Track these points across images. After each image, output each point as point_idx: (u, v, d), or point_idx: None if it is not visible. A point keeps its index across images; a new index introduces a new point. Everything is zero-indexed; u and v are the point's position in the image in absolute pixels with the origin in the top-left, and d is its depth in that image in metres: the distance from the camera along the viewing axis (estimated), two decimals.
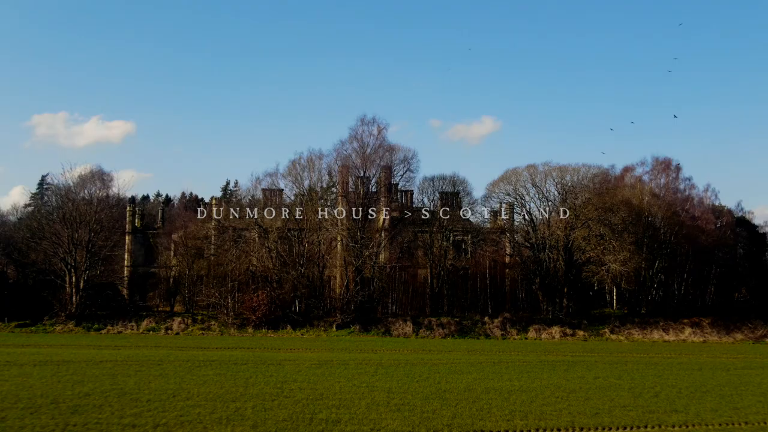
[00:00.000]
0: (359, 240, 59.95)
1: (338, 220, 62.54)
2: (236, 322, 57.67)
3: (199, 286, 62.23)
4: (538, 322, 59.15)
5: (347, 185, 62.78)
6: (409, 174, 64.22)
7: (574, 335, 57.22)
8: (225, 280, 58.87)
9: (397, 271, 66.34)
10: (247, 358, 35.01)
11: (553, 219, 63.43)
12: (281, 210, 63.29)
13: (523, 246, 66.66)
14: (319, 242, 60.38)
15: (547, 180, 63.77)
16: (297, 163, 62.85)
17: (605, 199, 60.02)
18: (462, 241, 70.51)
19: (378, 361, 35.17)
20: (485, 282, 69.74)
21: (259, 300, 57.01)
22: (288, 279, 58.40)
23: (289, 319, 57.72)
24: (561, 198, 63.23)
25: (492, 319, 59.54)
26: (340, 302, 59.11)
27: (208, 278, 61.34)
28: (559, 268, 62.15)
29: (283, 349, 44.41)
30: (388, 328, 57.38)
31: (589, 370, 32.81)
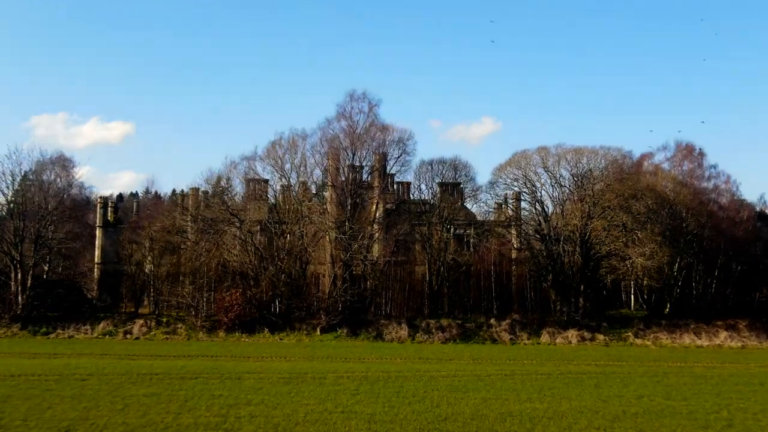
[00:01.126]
0: (348, 231, 54.33)
1: (324, 208, 56.94)
2: (206, 324, 52.10)
3: (168, 284, 56.53)
4: (552, 325, 53.67)
5: (336, 171, 57.13)
6: (405, 157, 58.78)
7: (594, 340, 51.77)
8: (194, 278, 53.21)
9: (392, 267, 60.86)
10: (201, 370, 29.33)
11: (567, 208, 57.83)
12: (266, 201, 57.53)
13: (533, 238, 61.04)
14: (302, 234, 54.69)
15: (560, 163, 58.17)
16: (277, 144, 57.18)
17: (628, 184, 54.42)
18: (464, 235, 64.97)
19: (363, 373, 29.51)
20: (490, 280, 64.23)
21: (233, 300, 51.43)
22: (265, 276, 52.73)
23: (266, 322, 52.13)
24: (576, 183, 57.64)
25: (499, 321, 54.04)
26: (325, 302, 53.49)
27: (176, 276, 55.65)
28: (574, 263, 56.58)
29: (253, 357, 38.84)
30: (380, 331, 51.85)
31: (626, 385, 27.18)
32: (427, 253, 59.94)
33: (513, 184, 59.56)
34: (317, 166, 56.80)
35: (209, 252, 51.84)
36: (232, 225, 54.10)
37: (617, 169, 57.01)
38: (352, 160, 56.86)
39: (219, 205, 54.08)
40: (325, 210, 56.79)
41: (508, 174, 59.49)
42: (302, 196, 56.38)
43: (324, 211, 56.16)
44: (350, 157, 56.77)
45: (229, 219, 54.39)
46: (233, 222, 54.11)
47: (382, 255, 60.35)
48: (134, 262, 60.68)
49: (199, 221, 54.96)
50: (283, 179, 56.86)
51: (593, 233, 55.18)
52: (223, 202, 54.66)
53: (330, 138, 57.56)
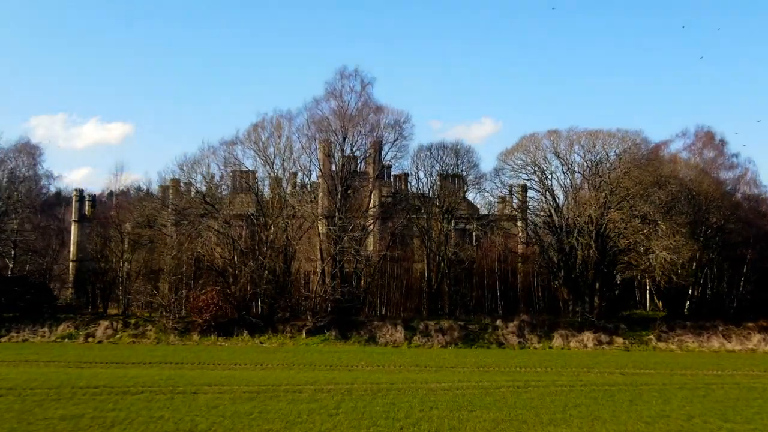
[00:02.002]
0: (338, 223, 49.98)
1: (312, 197, 52.59)
2: (178, 326, 47.77)
3: (138, 282, 52.10)
4: (564, 327, 49.40)
5: (326, 156, 52.75)
6: (402, 142, 54.37)
7: (612, 343, 47.51)
8: (166, 275, 48.83)
9: (388, 263, 56.61)
10: (153, 382, 24.98)
11: (580, 197, 53.51)
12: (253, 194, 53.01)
13: (543, 231, 56.71)
14: (287, 226, 50.30)
15: (573, 148, 53.84)
16: (259, 126, 52.75)
17: (648, 170, 50.09)
18: (466, 229, 60.69)
19: (348, 385, 25.18)
20: (494, 277, 60.01)
21: (208, 299, 47.11)
22: (245, 272, 48.35)
23: (246, 323, 47.80)
24: (591, 170, 53.31)
25: (506, 323, 49.75)
26: (312, 301, 49.12)
27: (147, 273, 51.27)
28: (589, 257, 52.27)
29: (224, 364, 34.49)
30: (373, 334, 47.53)
31: (666, 401, 22.89)
32: (426, 247, 55.67)
33: (521, 171, 55.25)
34: (304, 151, 52.41)
35: (182, 246, 47.37)
36: (209, 216, 49.63)
37: (636, 154, 52.63)
38: (342, 144, 52.50)
39: (193, 194, 49.58)
40: (314, 199, 52.41)
41: (516, 160, 55.21)
42: (287, 184, 51.97)
43: (312, 200, 51.78)
44: (340, 141, 52.40)
45: (205, 210, 49.93)
46: (210, 213, 49.63)
47: (376, 250, 56.15)
48: (101, 258, 56.22)
49: (170, 211, 50.45)
50: (266, 165, 52.45)
51: (610, 225, 50.86)
52: (198, 190, 50.15)
53: (318, 120, 53.24)
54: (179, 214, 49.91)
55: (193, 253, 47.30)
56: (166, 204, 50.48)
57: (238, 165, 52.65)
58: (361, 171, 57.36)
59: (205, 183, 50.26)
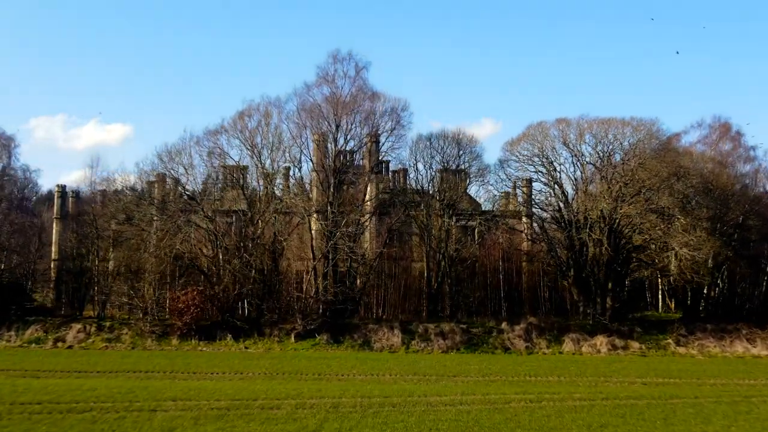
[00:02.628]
0: (330, 217, 46.95)
1: (303, 189, 49.59)
2: (156, 330, 44.71)
3: (115, 282, 49.00)
4: (575, 330, 46.38)
5: (317, 146, 49.73)
6: (399, 131, 51.30)
7: (627, 348, 44.49)
8: (142, 273, 45.79)
9: (385, 262, 53.61)
10: (108, 396, 21.98)
11: (592, 190, 50.46)
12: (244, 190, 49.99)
13: (551, 227, 53.64)
14: (274, 221, 47.25)
15: (583, 138, 50.77)
16: (246, 114, 49.69)
17: (667, 160, 47.06)
18: (467, 227, 57.65)
19: (335, 399, 22.20)
20: (498, 277, 57.03)
21: (188, 299, 44.07)
22: (229, 271, 45.30)
23: (230, 326, 44.76)
24: (603, 160, 50.27)
25: (512, 326, 46.70)
26: (303, 303, 46.03)
27: (124, 272, 48.20)
28: (601, 255, 49.21)
29: (200, 372, 31.47)
30: (368, 338, 44.48)
31: (706, 420, 19.96)
32: (425, 244, 52.63)
33: (527, 162, 52.11)
34: (294, 141, 49.32)
35: (160, 242, 44.22)
36: (191, 211, 46.49)
37: (652, 144, 49.55)
38: (335, 133, 49.44)
39: (169, 185, 46.47)
40: (304, 193, 49.40)
41: (522, 150, 52.11)
42: (276, 175, 48.92)
43: (302, 193, 48.75)
44: (333, 130, 49.33)
45: (186, 203, 46.83)
46: (192, 207, 46.49)
47: (372, 248, 53.16)
48: (77, 257, 53.17)
49: (147, 205, 47.29)
50: (253, 156, 49.33)
51: (623, 220, 47.76)
52: (179, 182, 46.99)
53: (309, 107, 50.16)
54: (158, 209, 46.74)
55: (172, 250, 44.14)
56: (143, 197, 47.20)
57: (223, 156, 49.56)
58: (357, 165, 54.46)
59: (186, 174, 47.13)
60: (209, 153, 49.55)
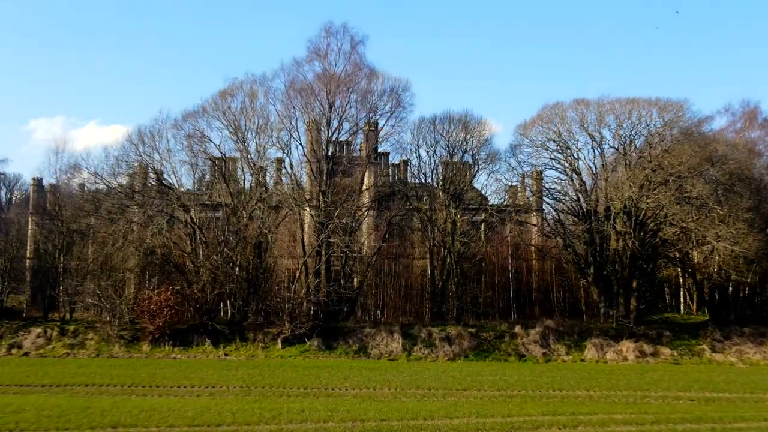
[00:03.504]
0: (322, 207, 42.66)
1: (292, 177, 45.34)
2: (126, 334, 40.41)
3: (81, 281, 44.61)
4: (598, 334, 42.07)
5: (308, 129, 45.46)
6: (400, 113, 46.93)
7: (657, 355, 40.22)
8: (109, 271, 41.45)
9: (384, 260, 49.33)
10: (33, 421, 17.69)
11: (615, 177, 46.12)
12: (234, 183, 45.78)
13: (568, 219, 49.28)
14: (260, 212, 42.90)
15: (605, 120, 46.40)
16: (228, 94, 45.37)
17: (700, 143, 42.74)
18: (474, 222, 53.30)
19: (320, 424, 17.93)
20: (506, 276, 52.80)
21: (162, 300, 39.70)
22: (207, 267, 40.95)
23: (209, 330, 40.43)
24: (626, 144, 45.98)
25: (526, 329, 42.42)
26: (291, 304, 41.66)
27: (92, 269, 43.82)
28: (624, 250, 44.92)
29: (164, 386, 27.14)
30: (365, 344, 40.19)
31: None
32: (429, 239, 48.26)
33: (541, 147, 47.75)
34: (282, 123, 44.97)
35: (128, 235, 39.76)
36: (166, 201, 42.09)
37: (683, 125, 45.17)
38: (329, 115, 45.13)
39: (142, 173, 42.09)
40: (294, 181, 45.11)
41: (536, 134, 47.78)
42: (262, 161, 44.57)
43: (291, 181, 44.45)
44: (326, 111, 45.02)
45: (161, 192, 42.48)
46: (167, 196, 42.11)
47: (369, 242, 48.94)
48: (44, 253, 48.82)
49: (116, 195, 42.87)
50: (237, 141, 44.99)
51: (651, 210, 43.36)
52: (152, 168, 42.50)
53: (299, 86, 45.83)
54: (128, 197, 42.34)
55: (142, 243, 39.79)
56: (111, 185, 42.73)
57: (203, 141, 45.12)
58: (353, 151, 50.23)
59: (161, 160, 42.71)
60: (188, 137, 45.21)
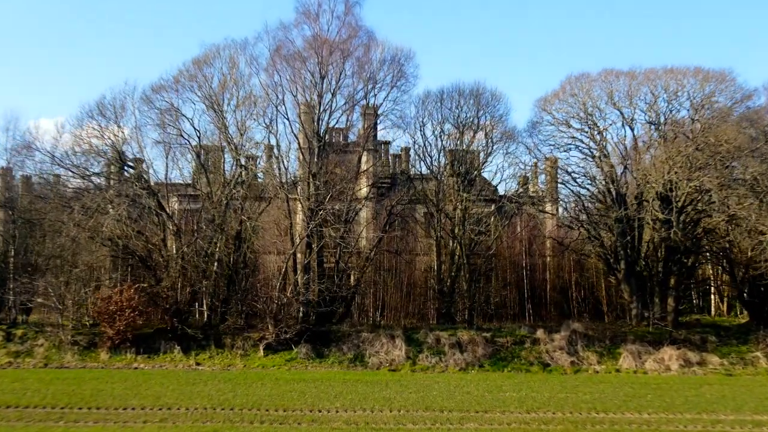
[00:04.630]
0: (312, 191, 37.41)
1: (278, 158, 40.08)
2: (81, 340, 35.22)
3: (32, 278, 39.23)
4: (632, 340, 36.75)
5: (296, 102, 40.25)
6: (404, 84, 41.68)
7: (703, 364, 34.93)
8: (60, 266, 36.17)
9: (385, 255, 44.23)
10: None
11: (650, 159, 40.81)
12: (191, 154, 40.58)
13: (595, 208, 43.96)
14: (241, 199, 37.61)
15: (638, 92, 41.07)
16: (203, 62, 40.04)
17: (752, 119, 37.42)
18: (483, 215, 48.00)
19: None
20: (521, 273, 47.72)
21: (123, 300, 34.42)
22: (178, 262, 35.65)
23: (179, 336, 35.19)
24: (662, 119, 40.70)
25: (549, 334, 37.06)
26: (276, 304, 36.33)
27: (41, 264, 38.52)
28: (660, 243, 39.67)
29: (107, 409, 21.92)
30: (361, 351, 34.92)
31: None
32: (435, 229, 42.98)
33: (564, 125, 42.36)
34: (266, 94, 39.64)
35: (80, 225, 34.34)
36: (127, 183, 36.75)
37: (726, 99, 39.88)
38: (320, 87, 39.83)
39: (100, 151, 36.70)
40: (279, 159, 39.87)
41: (558, 110, 42.41)
42: (241, 140, 39.24)
43: (276, 161, 39.21)
44: (318, 82, 39.73)
45: (122, 173, 37.18)
46: (129, 177, 36.82)
47: (368, 234, 43.78)
48: None
49: (73, 176, 37.53)
50: (215, 118, 39.63)
51: (690, 195, 38.00)
52: (112, 145, 37.03)
53: (287, 54, 40.48)
54: (84, 179, 36.98)
55: (98, 232, 34.46)
56: (64, 165, 37.31)
57: (177, 117, 39.73)
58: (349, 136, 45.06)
59: (123, 134, 37.32)
60: (159, 112, 39.81)
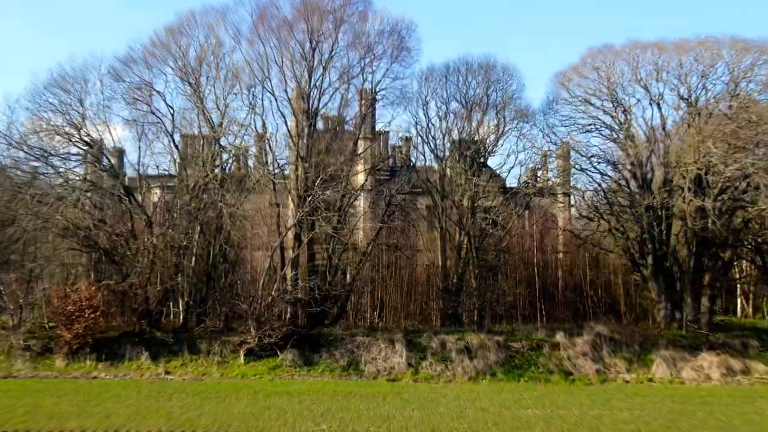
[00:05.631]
0: (300, 176, 33.50)
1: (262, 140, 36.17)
2: (36, 345, 31.14)
3: None
4: (664, 345, 32.78)
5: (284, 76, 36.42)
6: (405, 57, 37.83)
7: (748, 372, 31.15)
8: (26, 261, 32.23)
9: (384, 251, 40.47)
10: None
11: (679, 142, 36.81)
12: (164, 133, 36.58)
13: (619, 195, 39.87)
14: (218, 185, 33.65)
15: (667, 67, 37.08)
16: (177, 32, 36.09)
17: None
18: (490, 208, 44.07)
19: None
20: (531, 270, 43.79)
21: (83, 299, 30.46)
22: (147, 256, 31.69)
23: (147, 340, 31.21)
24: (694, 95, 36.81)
25: (570, 337, 33.07)
26: (259, 305, 32.33)
27: None
28: (692, 234, 35.78)
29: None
30: (356, 357, 31.01)
31: None
32: (440, 219, 38.99)
33: (584, 103, 38.32)
34: (249, 68, 35.68)
35: (33, 210, 30.33)
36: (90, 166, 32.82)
37: None
38: (310, 60, 35.90)
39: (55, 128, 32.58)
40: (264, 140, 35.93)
41: (577, 86, 38.39)
42: (221, 118, 35.24)
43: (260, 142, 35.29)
44: (308, 53, 35.81)
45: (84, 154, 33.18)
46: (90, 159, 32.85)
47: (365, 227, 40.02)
48: None
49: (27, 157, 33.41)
50: (191, 94, 35.64)
51: (725, 182, 34.00)
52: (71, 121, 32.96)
53: (273, 22, 36.56)
54: (41, 159, 32.90)
55: (51, 221, 30.49)
56: (12, 143, 33.16)
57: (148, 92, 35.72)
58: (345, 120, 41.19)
59: (83, 111, 33.21)
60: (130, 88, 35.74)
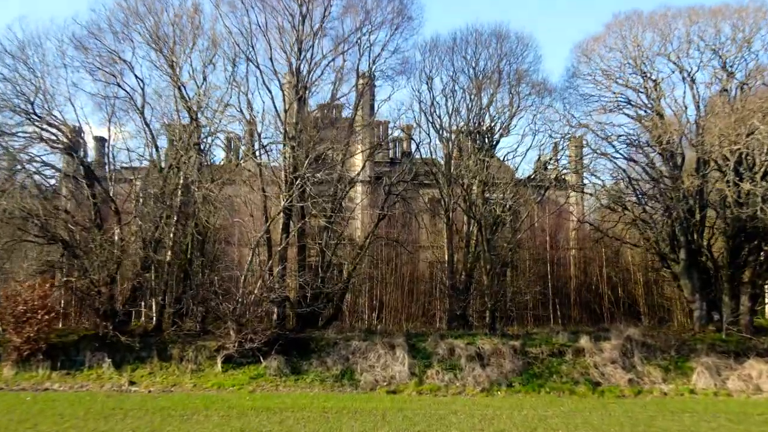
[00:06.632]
0: (288, 156, 29.82)
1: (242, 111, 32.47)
2: None
3: None
4: (704, 350, 29.05)
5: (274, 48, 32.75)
6: (406, 27, 34.17)
7: None
8: None
9: (383, 247, 37.11)
10: None
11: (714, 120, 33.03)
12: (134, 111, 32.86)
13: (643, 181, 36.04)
14: (193, 166, 29.91)
15: (703, 36, 33.31)
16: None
17: None
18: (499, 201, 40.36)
19: None
20: (543, 268, 40.88)
21: (35, 297, 26.74)
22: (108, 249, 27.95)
23: (112, 344, 27.44)
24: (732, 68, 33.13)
25: (596, 342, 29.33)
26: (241, 304, 28.57)
27: None
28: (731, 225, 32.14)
29: None
30: (351, 365, 27.28)
31: None
32: (446, 208, 35.23)
33: (610, 77, 34.51)
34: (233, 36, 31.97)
35: None
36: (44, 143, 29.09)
37: None
38: (299, 29, 32.24)
39: None
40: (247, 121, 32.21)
41: (600, 58, 34.56)
42: (199, 91, 31.49)
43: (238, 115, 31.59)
44: (296, 21, 32.14)
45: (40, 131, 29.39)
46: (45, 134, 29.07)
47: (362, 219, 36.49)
48: None
49: None
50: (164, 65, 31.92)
51: None
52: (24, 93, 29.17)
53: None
54: None
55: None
56: None
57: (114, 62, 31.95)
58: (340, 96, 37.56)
59: (41, 82, 29.42)
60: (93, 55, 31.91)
